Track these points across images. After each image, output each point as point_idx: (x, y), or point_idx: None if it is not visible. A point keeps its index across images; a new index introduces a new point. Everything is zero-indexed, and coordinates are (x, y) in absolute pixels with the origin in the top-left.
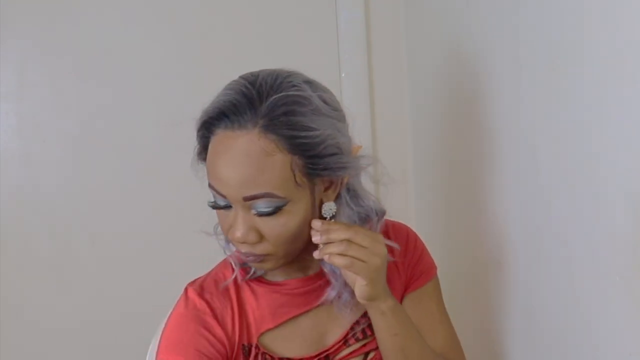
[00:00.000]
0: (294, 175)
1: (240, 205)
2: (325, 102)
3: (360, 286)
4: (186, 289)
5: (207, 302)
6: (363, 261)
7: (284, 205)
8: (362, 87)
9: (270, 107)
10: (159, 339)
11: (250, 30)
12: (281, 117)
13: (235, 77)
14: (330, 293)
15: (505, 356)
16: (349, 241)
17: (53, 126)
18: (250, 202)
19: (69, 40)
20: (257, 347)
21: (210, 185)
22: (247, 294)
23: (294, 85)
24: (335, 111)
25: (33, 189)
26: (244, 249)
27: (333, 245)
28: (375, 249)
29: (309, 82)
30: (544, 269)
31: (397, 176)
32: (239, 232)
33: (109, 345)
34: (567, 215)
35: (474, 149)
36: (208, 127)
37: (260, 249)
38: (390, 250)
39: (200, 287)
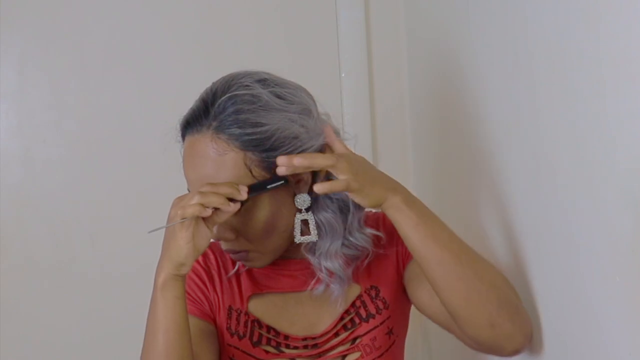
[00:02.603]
0: (250, 171)
1: None
2: (279, 97)
3: (342, 180)
4: None
5: (205, 255)
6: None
7: (247, 200)
8: (362, 87)
9: (220, 109)
10: None
11: (251, 30)
12: (229, 116)
13: None
14: (318, 287)
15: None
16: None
17: (53, 126)
18: None
19: (69, 40)
20: (246, 314)
21: (187, 188)
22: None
23: (245, 85)
24: (291, 105)
25: (33, 189)
26: (224, 246)
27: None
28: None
29: (263, 80)
30: (544, 269)
31: (397, 176)
32: (214, 230)
33: (109, 345)
34: (567, 215)
35: (474, 149)
36: (182, 134)
37: (238, 245)
38: (378, 240)
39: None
